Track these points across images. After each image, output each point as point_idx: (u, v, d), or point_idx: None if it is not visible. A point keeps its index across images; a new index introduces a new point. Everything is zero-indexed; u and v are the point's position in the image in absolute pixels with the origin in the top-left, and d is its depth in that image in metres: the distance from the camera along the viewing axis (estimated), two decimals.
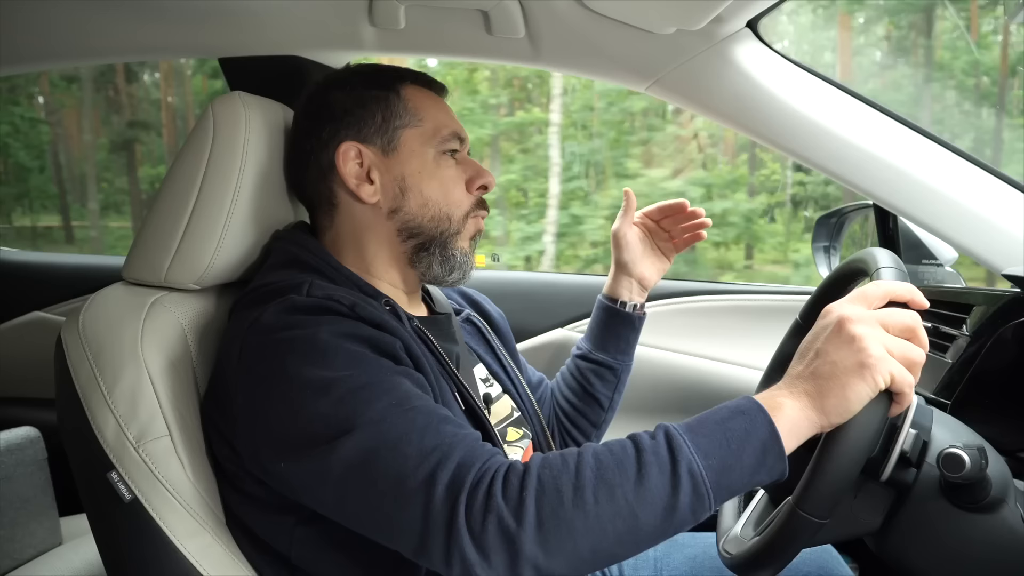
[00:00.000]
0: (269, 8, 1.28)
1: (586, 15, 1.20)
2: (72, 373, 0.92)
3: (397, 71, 1.08)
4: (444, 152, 1.04)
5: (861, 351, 0.73)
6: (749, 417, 0.75)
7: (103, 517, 0.92)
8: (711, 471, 0.73)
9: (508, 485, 0.73)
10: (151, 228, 1.00)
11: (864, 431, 0.74)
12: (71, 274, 2.00)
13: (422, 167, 1.03)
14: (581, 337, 1.33)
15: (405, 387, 0.82)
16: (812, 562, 1.16)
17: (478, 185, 1.06)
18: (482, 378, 1.12)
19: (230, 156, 0.99)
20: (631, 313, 1.27)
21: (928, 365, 1.18)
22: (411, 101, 1.05)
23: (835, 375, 0.74)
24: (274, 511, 0.89)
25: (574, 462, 0.74)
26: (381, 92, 1.04)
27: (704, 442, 0.74)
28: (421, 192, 1.03)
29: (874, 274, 0.84)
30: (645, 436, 0.76)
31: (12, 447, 1.43)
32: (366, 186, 1.02)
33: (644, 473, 0.72)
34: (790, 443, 0.74)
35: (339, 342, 0.83)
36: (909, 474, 0.81)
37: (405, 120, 1.04)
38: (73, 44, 1.44)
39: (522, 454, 1.07)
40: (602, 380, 1.28)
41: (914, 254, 1.44)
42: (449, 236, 1.04)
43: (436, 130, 1.04)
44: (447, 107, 1.10)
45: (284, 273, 0.96)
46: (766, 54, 1.23)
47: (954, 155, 1.19)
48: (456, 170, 1.05)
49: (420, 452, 0.75)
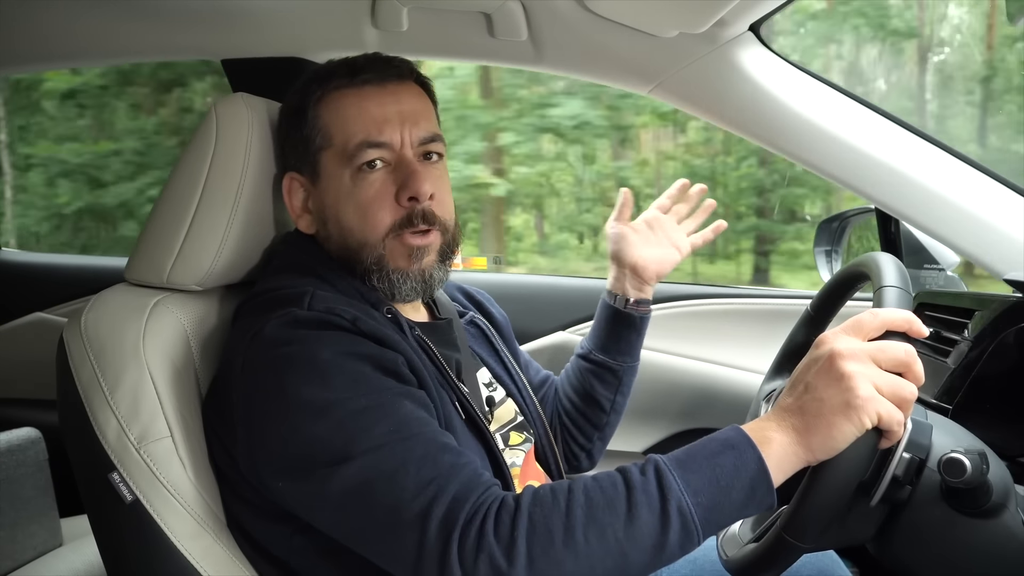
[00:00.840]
0: (272, 10, 1.28)
1: (588, 18, 1.20)
2: (74, 374, 0.92)
3: (321, 74, 0.99)
4: (360, 168, 0.96)
5: (849, 390, 0.72)
6: (739, 452, 0.75)
7: (104, 518, 0.92)
8: (700, 508, 0.73)
9: (500, 524, 0.73)
10: (154, 229, 1.00)
11: (851, 466, 0.74)
12: (73, 275, 2.00)
13: (339, 191, 0.97)
14: (584, 337, 1.31)
15: (405, 411, 0.82)
16: (812, 565, 1.16)
17: (405, 196, 0.96)
18: (485, 382, 1.11)
19: (233, 157, 0.99)
20: (631, 312, 1.23)
21: (929, 370, 1.17)
22: (322, 116, 0.97)
23: (822, 413, 0.73)
24: (272, 519, 0.89)
25: (565, 500, 0.74)
26: (300, 111, 0.98)
27: (694, 479, 0.74)
28: (339, 220, 0.98)
29: (876, 292, 0.83)
30: (635, 472, 0.76)
31: (13, 448, 1.42)
32: (305, 217, 1.01)
33: (634, 513, 0.73)
34: (778, 477, 0.75)
35: (340, 361, 0.83)
36: (903, 492, 0.80)
37: (318, 142, 0.97)
38: (75, 45, 1.44)
39: (524, 457, 1.07)
40: (602, 382, 1.25)
41: (916, 259, 1.44)
42: (375, 260, 0.97)
43: (345, 145, 0.96)
44: (376, 99, 0.97)
45: (287, 278, 0.96)
46: (769, 58, 1.23)
47: (956, 159, 1.19)
48: (381, 183, 0.96)
49: (417, 484, 0.75)
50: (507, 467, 0.96)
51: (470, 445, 0.93)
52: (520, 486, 1.02)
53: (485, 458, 0.95)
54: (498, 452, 0.96)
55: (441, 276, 1.01)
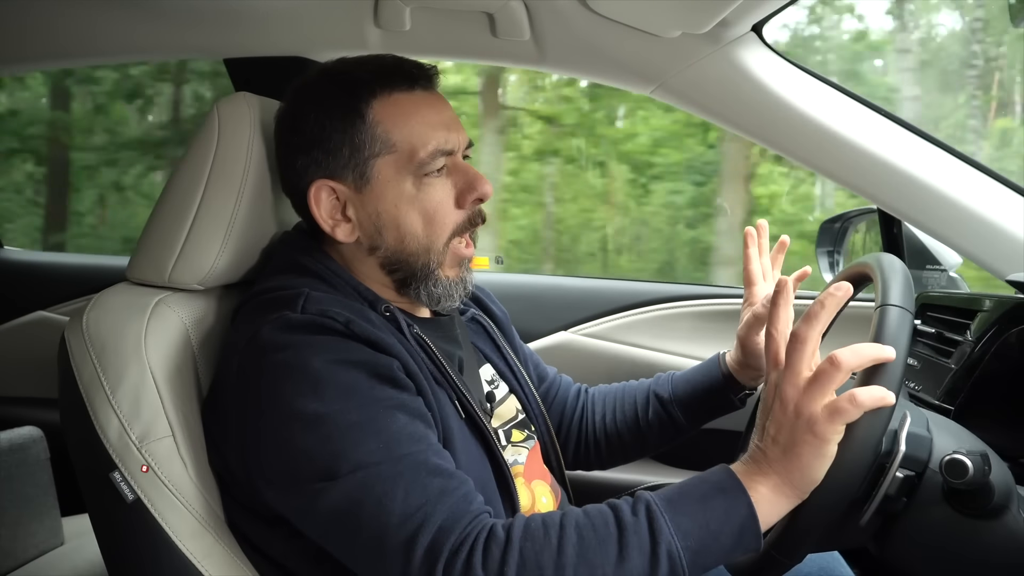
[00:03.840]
0: (274, 10, 1.28)
1: (591, 18, 1.20)
2: (75, 373, 0.92)
3: (366, 78, 0.96)
4: (426, 174, 0.95)
5: (822, 444, 0.73)
6: (730, 498, 0.76)
7: (105, 517, 0.92)
8: (689, 552, 0.74)
9: (489, 557, 0.74)
10: (155, 228, 1.00)
11: (839, 491, 0.75)
12: (75, 274, 2.00)
13: (399, 198, 0.95)
14: (676, 372, 1.22)
15: (397, 426, 0.81)
16: (814, 564, 1.16)
17: (472, 199, 0.97)
18: (487, 379, 1.11)
19: (235, 157, 0.99)
20: (736, 400, 1.17)
21: (932, 371, 1.17)
22: (381, 123, 0.94)
23: (794, 454, 0.75)
24: (268, 522, 0.89)
25: (556, 537, 0.75)
26: (347, 116, 0.94)
27: (684, 522, 0.75)
28: (398, 226, 0.95)
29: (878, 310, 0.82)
30: (627, 511, 0.76)
31: (15, 447, 1.43)
32: (343, 225, 0.97)
33: (625, 555, 0.74)
34: (766, 522, 0.76)
35: (331, 371, 0.82)
36: (898, 504, 0.81)
37: (375, 148, 0.94)
38: (77, 44, 1.45)
39: (527, 455, 1.06)
40: (663, 432, 1.20)
41: (918, 259, 1.44)
42: (431, 269, 0.97)
43: (412, 152, 0.94)
44: (432, 106, 0.97)
45: (284, 278, 0.96)
46: (771, 58, 1.23)
47: (958, 160, 1.19)
48: (443, 189, 0.96)
49: (404, 510, 0.76)
50: (507, 467, 0.96)
51: (469, 444, 0.93)
52: (524, 484, 1.02)
53: (485, 458, 0.95)
54: (498, 451, 0.95)
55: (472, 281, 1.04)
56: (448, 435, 0.90)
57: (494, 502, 0.92)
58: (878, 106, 1.22)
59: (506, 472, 0.96)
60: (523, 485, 1.01)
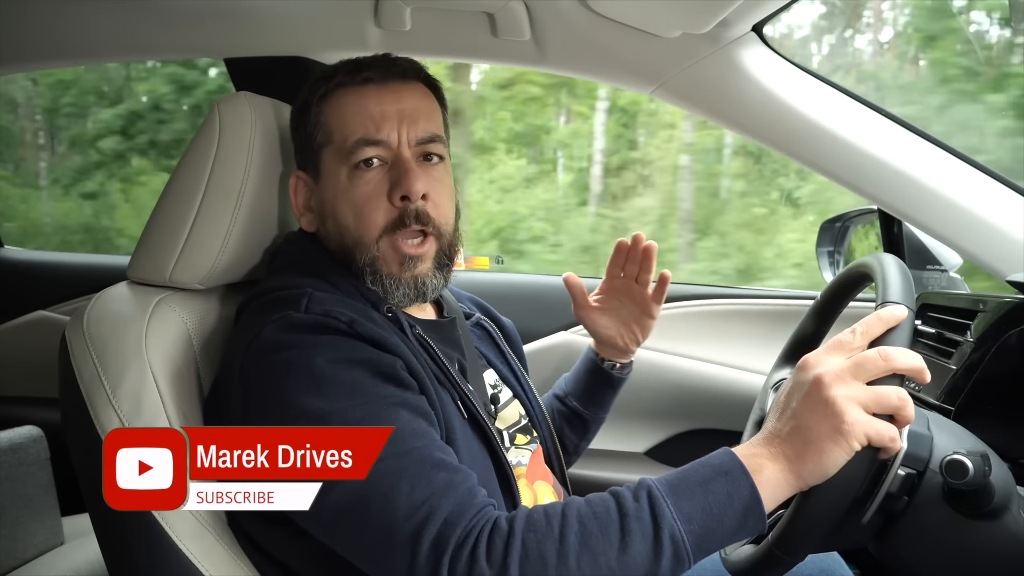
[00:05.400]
0: (275, 10, 1.28)
1: (591, 18, 1.20)
2: (76, 372, 0.92)
3: (329, 73, 0.99)
4: (356, 166, 0.95)
5: (835, 416, 0.72)
6: (732, 479, 0.75)
7: (105, 517, 0.92)
8: (692, 535, 0.74)
9: (492, 548, 0.73)
10: (156, 228, 1.00)
11: (843, 485, 0.74)
12: (75, 273, 2.00)
13: (336, 189, 0.97)
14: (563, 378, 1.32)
15: (401, 422, 0.81)
16: (814, 564, 1.16)
17: (397, 195, 0.95)
18: (491, 384, 1.11)
19: (236, 156, 0.99)
20: (612, 373, 1.25)
21: (932, 371, 1.17)
22: (325, 113, 0.97)
23: (810, 441, 0.73)
24: (270, 521, 0.89)
25: (559, 525, 0.74)
26: (303, 108, 0.99)
27: (687, 505, 0.74)
28: (335, 218, 0.97)
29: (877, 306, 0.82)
30: (629, 497, 0.76)
31: (15, 446, 1.43)
32: (307, 215, 1.01)
33: (627, 541, 0.73)
34: (769, 504, 0.75)
35: (335, 369, 0.83)
36: (900, 503, 0.80)
37: (319, 139, 0.97)
38: (78, 44, 1.45)
39: (530, 456, 1.06)
40: (571, 426, 1.27)
41: (918, 260, 1.44)
42: (372, 264, 0.96)
43: (343, 142, 0.96)
44: (377, 98, 0.97)
45: (287, 278, 0.96)
46: (772, 58, 1.23)
47: (959, 160, 1.19)
48: (376, 182, 0.96)
49: (409, 504, 0.76)
50: (510, 467, 0.96)
51: (472, 444, 0.93)
52: (527, 484, 1.02)
53: (487, 458, 0.95)
54: (500, 451, 0.95)
55: (437, 283, 1.00)
56: (451, 435, 0.90)
57: (496, 501, 0.92)
58: (878, 106, 1.22)
59: (508, 472, 0.96)
60: (525, 486, 1.01)
